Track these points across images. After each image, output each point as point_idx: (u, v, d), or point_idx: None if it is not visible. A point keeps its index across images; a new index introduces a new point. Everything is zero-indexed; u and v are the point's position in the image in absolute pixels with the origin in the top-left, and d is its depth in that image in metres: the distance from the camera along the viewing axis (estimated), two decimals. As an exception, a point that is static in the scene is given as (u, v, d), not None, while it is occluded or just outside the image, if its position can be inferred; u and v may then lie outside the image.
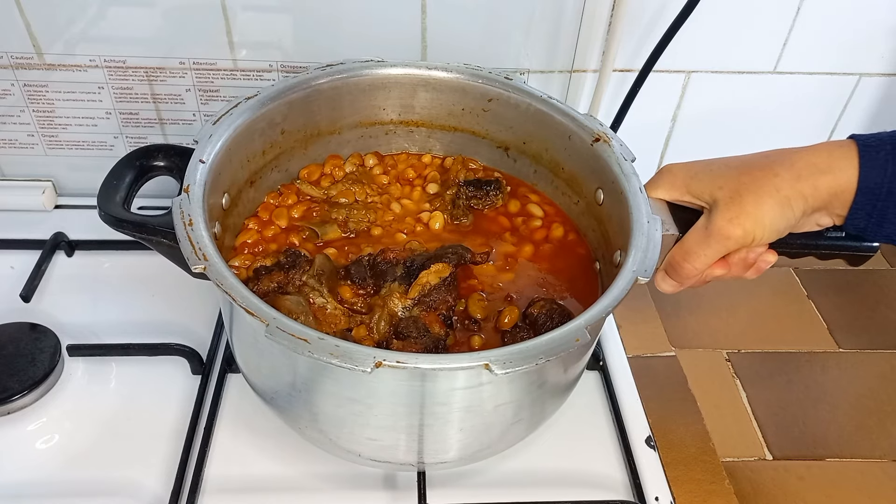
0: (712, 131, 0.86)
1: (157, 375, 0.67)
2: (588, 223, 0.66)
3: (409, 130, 0.73)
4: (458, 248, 0.61)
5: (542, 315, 0.56)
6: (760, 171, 0.53)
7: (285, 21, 0.74)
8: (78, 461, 0.61)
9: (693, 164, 0.57)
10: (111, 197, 0.55)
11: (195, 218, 0.52)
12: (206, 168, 0.56)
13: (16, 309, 0.71)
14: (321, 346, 0.44)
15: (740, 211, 0.52)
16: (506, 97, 0.68)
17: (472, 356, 0.45)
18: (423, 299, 0.57)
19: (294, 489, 0.60)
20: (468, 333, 0.57)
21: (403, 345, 0.53)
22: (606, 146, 0.61)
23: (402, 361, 0.44)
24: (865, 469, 0.68)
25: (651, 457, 0.64)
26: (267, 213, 0.66)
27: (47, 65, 0.75)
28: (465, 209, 0.68)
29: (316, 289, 0.57)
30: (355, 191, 0.68)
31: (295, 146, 0.68)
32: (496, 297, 0.61)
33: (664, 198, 0.58)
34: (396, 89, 0.69)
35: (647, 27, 0.76)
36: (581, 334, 0.47)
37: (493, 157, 0.72)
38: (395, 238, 0.66)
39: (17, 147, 0.82)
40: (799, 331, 0.81)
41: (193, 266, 0.49)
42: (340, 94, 0.67)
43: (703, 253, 0.54)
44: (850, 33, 0.80)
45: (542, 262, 0.64)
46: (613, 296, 0.49)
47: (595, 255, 0.65)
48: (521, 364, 0.44)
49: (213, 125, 0.59)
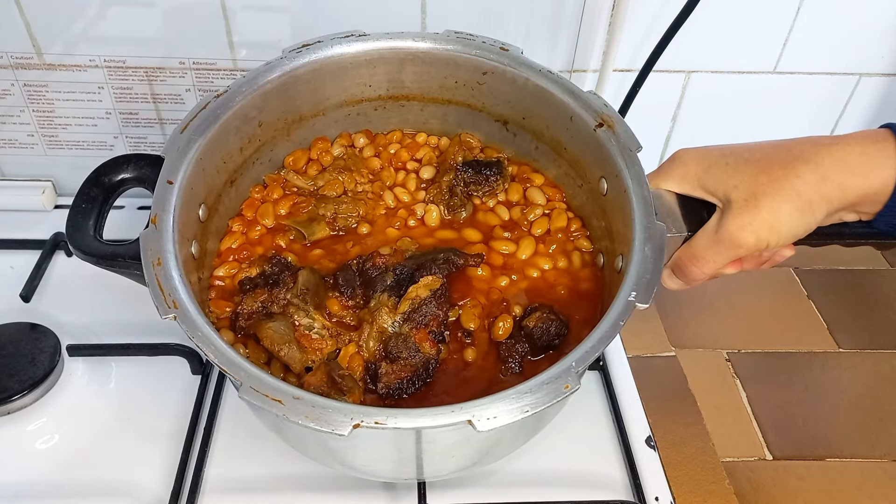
0: (712, 131, 0.86)
1: (157, 375, 0.67)
2: (592, 210, 0.62)
3: (401, 105, 0.68)
4: (450, 254, 0.59)
5: (538, 328, 0.55)
6: (781, 169, 0.48)
7: (285, 21, 0.74)
8: (78, 461, 0.61)
9: (707, 152, 0.53)
10: (80, 226, 0.52)
11: (164, 255, 0.48)
12: (175, 189, 0.52)
13: (16, 309, 0.71)
14: (296, 408, 0.42)
15: (755, 217, 0.48)
16: (501, 70, 0.62)
17: (455, 412, 0.42)
18: (414, 315, 0.55)
19: (294, 490, 0.60)
20: (461, 345, 0.56)
21: (393, 368, 0.52)
22: (610, 133, 0.57)
23: (380, 422, 0.42)
24: (865, 469, 0.68)
25: (651, 457, 0.64)
26: (252, 211, 0.63)
27: (47, 65, 0.75)
28: (463, 198, 0.64)
29: (301, 308, 0.55)
30: (344, 180, 0.64)
31: (276, 135, 0.64)
32: (491, 300, 0.58)
33: (674, 190, 0.54)
34: (382, 65, 0.64)
35: (647, 27, 0.76)
36: (571, 379, 0.44)
37: (492, 130, 0.68)
38: (386, 234, 0.63)
39: (17, 147, 0.82)
40: (799, 331, 0.81)
41: (163, 315, 0.46)
42: (321, 76, 0.62)
43: (713, 259, 0.51)
44: (850, 33, 0.80)
45: (541, 262, 0.61)
46: (605, 329, 0.46)
47: (598, 247, 0.62)
48: (505, 418, 0.42)
49: (180, 133, 0.55)
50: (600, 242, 0.61)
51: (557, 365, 0.45)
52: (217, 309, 0.56)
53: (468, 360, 0.55)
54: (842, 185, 0.47)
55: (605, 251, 0.61)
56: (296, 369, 0.53)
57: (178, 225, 0.51)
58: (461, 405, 0.43)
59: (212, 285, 0.58)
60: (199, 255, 0.56)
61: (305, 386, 0.51)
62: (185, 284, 0.48)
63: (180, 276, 0.48)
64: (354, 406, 0.43)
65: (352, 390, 0.51)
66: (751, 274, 0.84)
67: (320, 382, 0.51)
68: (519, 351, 0.55)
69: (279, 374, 0.53)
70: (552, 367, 0.45)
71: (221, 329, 0.55)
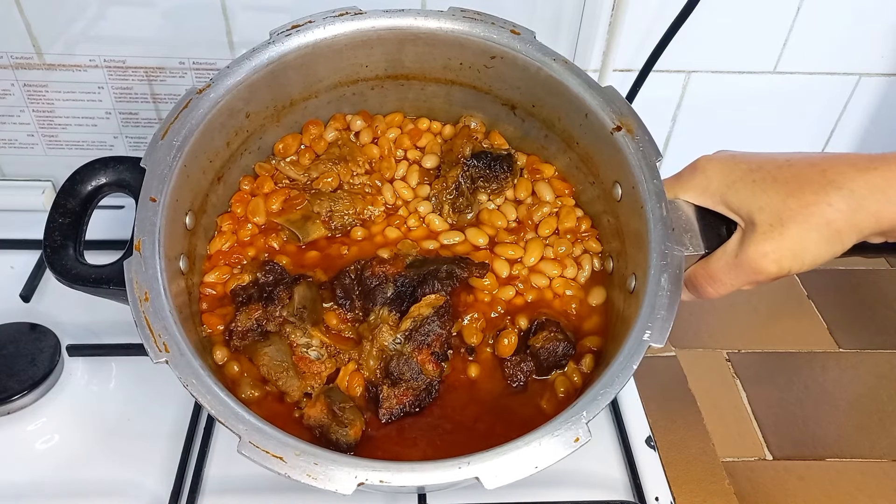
0: (712, 131, 0.86)
1: (158, 375, 0.67)
2: (603, 208, 0.59)
3: (400, 84, 0.63)
4: (454, 266, 0.55)
5: (544, 350, 0.53)
6: (813, 195, 0.44)
7: (285, 21, 0.73)
8: (78, 461, 0.61)
9: (733, 165, 0.49)
10: (59, 246, 0.49)
11: (152, 289, 0.45)
12: (160, 206, 0.48)
13: (16, 309, 0.71)
14: (298, 465, 0.41)
15: (779, 245, 0.45)
16: (512, 56, 0.57)
17: (462, 468, 0.41)
18: (416, 334, 0.52)
19: (294, 490, 0.60)
20: (465, 362, 0.54)
21: (395, 392, 0.51)
22: (629, 138, 0.53)
23: (385, 481, 0.40)
24: (865, 469, 0.68)
25: (651, 457, 0.64)
26: (242, 207, 0.59)
27: (47, 65, 0.75)
28: (470, 196, 0.60)
29: (298, 327, 0.53)
30: (339, 171, 0.60)
31: (265, 123, 0.60)
32: (495, 312, 0.56)
33: (693, 202, 0.51)
34: (379, 46, 0.59)
35: (647, 27, 0.76)
36: (581, 431, 0.42)
37: (499, 113, 0.63)
38: (385, 235, 0.60)
39: (17, 147, 0.82)
40: (799, 331, 0.81)
41: (154, 360, 0.43)
42: (312, 60, 0.58)
43: (730, 282, 0.49)
44: (850, 33, 0.80)
45: (549, 269, 0.58)
46: (615, 372, 0.44)
47: (608, 249, 0.59)
48: (514, 475, 0.41)
49: (160, 140, 0.50)
50: (610, 244, 0.59)
51: (566, 412, 0.43)
52: (209, 326, 0.54)
53: (471, 377, 0.54)
54: (877, 215, 0.44)
55: (615, 254, 0.58)
56: (294, 398, 0.52)
57: (165, 248, 0.48)
58: (468, 459, 0.41)
59: (202, 294, 0.56)
60: (188, 266, 0.53)
61: (305, 419, 0.50)
62: (177, 321, 0.45)
63: (171, 309, 0.45)
64: (358, 460, 0.41)
65: (353, 422, 0.50)
66: (751, 274, 0.85)
67: (320, 415, 0.50)
68: (524, 370, 0.54)
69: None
70: (561, 414, 0.43)
71: (215, 345, 0.53)
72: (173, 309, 0.45)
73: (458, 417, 0.52)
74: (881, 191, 0.43)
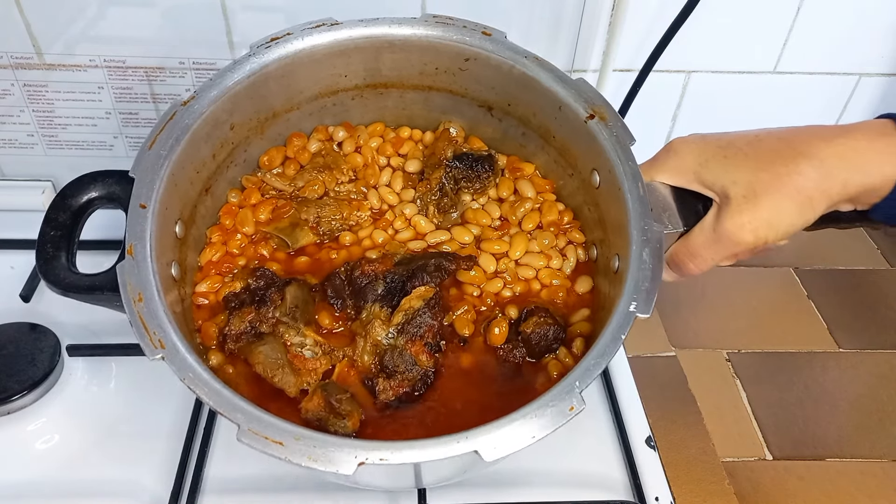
0: (712, 131, 0.86)
1: (157, 375, 0.67)
2: (583, 199, 0.60)
3: (379, 93, 0.65)
4: (441, 259, 0.57)
5: (535, 334, 0.54)
6: (784, 166, 0.47)
7: (285, 20, 0.74)
8: (78, 461, 0.61)
9: (704, 144, 0.51)
10: (51, 257, 0.49)
11: (145, 289, 0.46)
12: (150, 213, 0.49)
13: (16, 309, 0.71)
14: (298, 449, 0.41)
15: (754, 216, 0.48)
16: (485, 56, 0.59)
17: (461, 442, 0.41)
18: (408, 326, 0.53)
19: (294, 490, 0.60)
20: (457, 352, 0.55)
21: (391, 384, 0.52)
22: (603, 125, 0.55)
23: (384, 458, 0.41)
24: (865, 469, 0.68)
25: (651, 457, 0.64)
26: (230, 219, 0.60)
27: (47, 65, 0.75)
28: (454, 196, 0.61)
29: (291, 326, 0.54)
30: (324, 179, 0.61)
31: (250, 135, 0.61)
32: (484, 304, 0.58)
33: (668, 182, 0.53)
34: (357, 55, 0.61)
35: (647, 27, 0.76)
36: (576, 400, 0.43)
37: (476, 115, 0.65)
38: (373, 238, 0.61)
39: (16, 147, 0.82)
40: (799, 331, 0.81)
41: (150, 357, 0.43)
42: (293, 70, 0.59)
43: (710, 256, 0.51)
44: (850, 33, 0.80)
45: (535, 262, 0.59)
46: (606, 344, 0.45)
47: (591, 238, 0.60)
48: (512, 446, 0.42)
49: (148, 150, 0.51)
50: (593, 233, 0.60)
51: (560, 384, 0.44)
52: (205, 337, 0.54)
53: (464, 367, 0.55)
54: (844, 182, 0.46)
55: (598, 242, 0.59)
56: (291, 394, 0.52)
57: (156, 252, 0.48)
58: (466, 434, 0.42)
59: (195, 304, 0.56)
60: (180, 275, 0.54)
61: (303, 413, 0.50)
62: (171, 320, 0.45)
63: (165, 310, 0.45)
64: (357, 441, 0.42)
65: (350, 413, 0.50)
66: (751, 273, 0.85)
67: (318, 408, 0.50)
68: (517, 356, 0.55)
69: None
70: (555, 386, 0.44)
71: (210, 351, 0.54)
72: (167, 309, 0.46)
73: (454, 405, 0.53)
74: (847, 159, 0.46)
